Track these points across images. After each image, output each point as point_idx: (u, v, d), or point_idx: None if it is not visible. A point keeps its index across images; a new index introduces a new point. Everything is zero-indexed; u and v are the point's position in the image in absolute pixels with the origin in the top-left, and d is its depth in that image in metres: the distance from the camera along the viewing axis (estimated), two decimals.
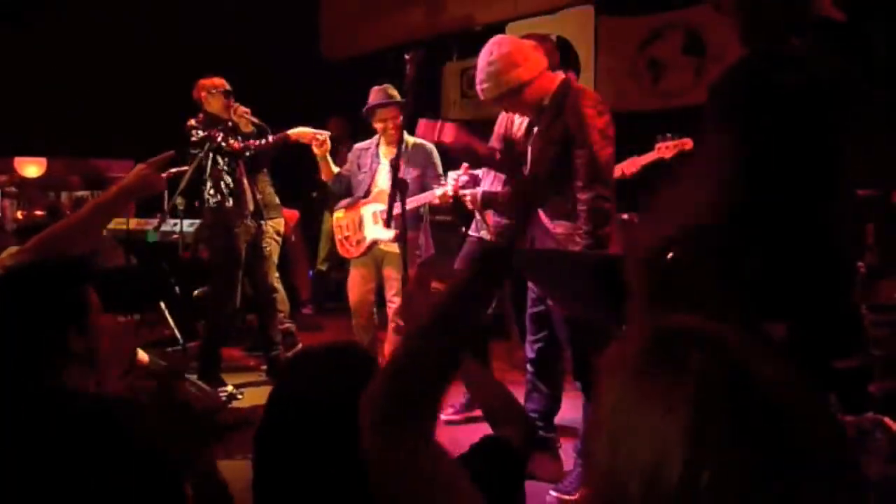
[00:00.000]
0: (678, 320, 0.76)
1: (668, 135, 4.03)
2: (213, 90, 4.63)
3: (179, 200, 4.88)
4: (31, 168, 6.05)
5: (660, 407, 0.68)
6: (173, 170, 5.17)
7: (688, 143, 3.96)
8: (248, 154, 4.56)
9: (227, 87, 4.66)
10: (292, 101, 4.68)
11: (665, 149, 3.99)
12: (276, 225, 4.92)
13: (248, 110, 4.56)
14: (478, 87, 3.17)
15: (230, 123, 4.56)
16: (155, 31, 6.59)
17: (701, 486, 0.64)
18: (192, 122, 4.60)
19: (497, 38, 3.20)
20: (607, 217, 3.00)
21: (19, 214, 5.61)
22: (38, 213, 5.64)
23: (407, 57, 3.69)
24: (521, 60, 3.07)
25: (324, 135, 4.39)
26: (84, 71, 6.34)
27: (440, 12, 7.01)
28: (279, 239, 4.95)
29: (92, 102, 6.28)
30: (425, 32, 6.88)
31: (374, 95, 4.41)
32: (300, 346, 5.23)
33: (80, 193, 5.72)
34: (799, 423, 0.67)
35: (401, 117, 4.25)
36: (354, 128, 5.14)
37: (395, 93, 4.35)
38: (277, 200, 5.01)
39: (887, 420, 3.38)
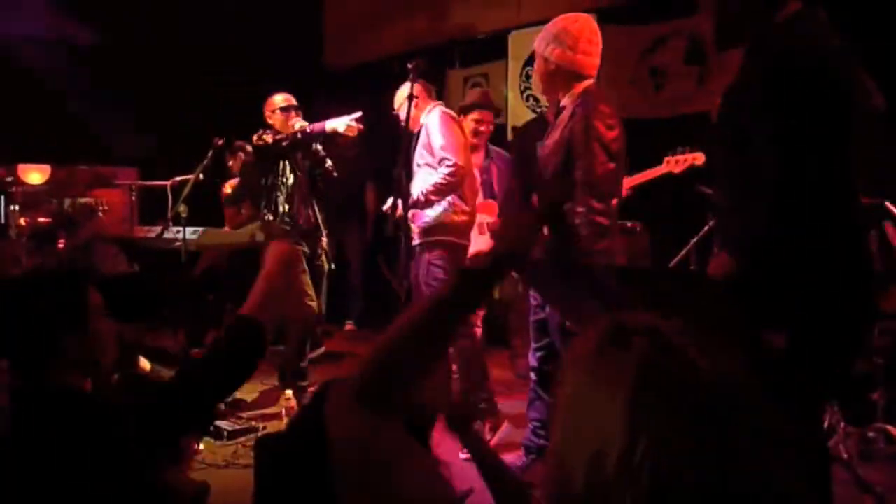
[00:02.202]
0: (631, 316, 0.82)
1: (679, 148, 3.97)
2: (273, 111, 4.66)
3: (182, 208, 4.88)
4: (35, 175, 6.05)
5: (605, 389, 0.74)
6: (178, 178, 5.22)
7: (699, 158, 3.88)
8: (285, 145, 4.51)
9: (289, 102, 4.66)
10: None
11: (674, 163, 3.95)
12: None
13: (305, 124, 4.53)
14: (544, 45, 3.12)
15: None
16: (157, 37, 6.60)
17: (636, 460, 0.69)
18: (260, 132, 4.63)
19: (592, 21, 3.18)
20: (602, 232, 2.92)
21: (23, 221, 5.61)
22: (42, 219, 5.64)
23: (410, 65, 3.72)
24: (591, 53, 3.10)
25: (356, 115, 4.38)
26: (87, 77, 6.36)
27: (443, 20, 7.03)
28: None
29: (95, 109, 6.29)
30: (428, 40, 6.89)
31: (476, 96, 4.55)
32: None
33: (84, 200, 5.72)
34: (731, 402, 0.72)
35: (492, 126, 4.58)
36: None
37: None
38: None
39: (891, 428, 3.38)
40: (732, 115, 2.03)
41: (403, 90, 3.92)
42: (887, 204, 3.29)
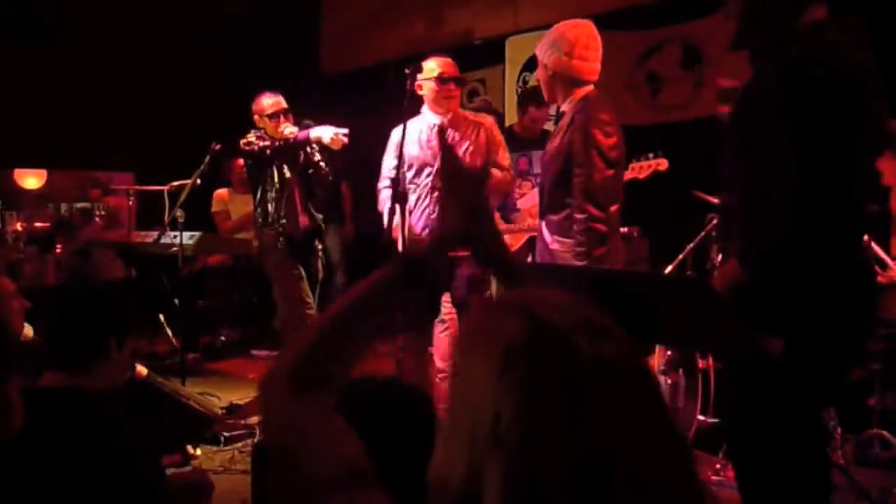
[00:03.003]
0: (518, 294, 0.83)
1: (644, 155, 4.03)
2: (261, 117, 4.59)
3: (179, 213, 4.88)
4: (31, 180, 6.06)
5: (480, 364, 0.75)
6: (175, 182, 5.21)
7: (662, 164, 3.93)
8: (268, 154, 4.46)
9: (277, 108, 4.54)
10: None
11: (639, 169, 3.98)
12: None
13: (294, 130, 4.47)
14: (542, 51, 3.15)
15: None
16: (155, 43, 6.61)
17: (503, 435, 0.70)
18: (248, 137, 4.56)
19: (591, 27, 3.20)
20: (601, 239, 2.95)
21: (19, 226, 5.61)
22: (38, 224, 5.64)
23: (407, 71, 3.72)
24: (588, 59, 3.13)
25: (343, 130, 4.33)
26: (84, 82, 6.36)
27: (440, 26, 7.04)
28: None
29: (92, 114, 6.30)
30: (425, 46, 6.89)
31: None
32: None
33: (80, 205, 5.72)
34: (608, 385, 0.72)
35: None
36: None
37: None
38: None
39: (887, 434, 3.38)
40: (745, 118, 2.03)
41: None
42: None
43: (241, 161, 5.95)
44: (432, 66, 3.81)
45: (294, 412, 1.01)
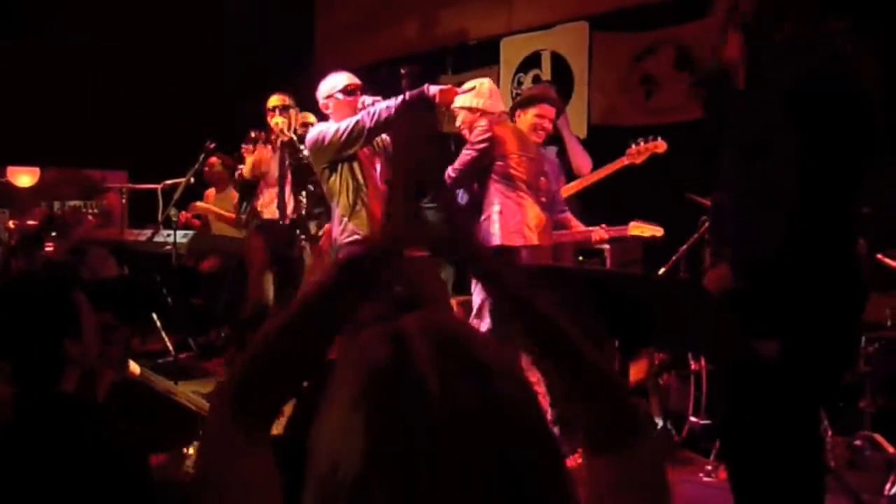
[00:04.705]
0: (405, 320, 0.73)
1: (640, 139, 4.03)
2: (272, 113, 4.62)
3: (173, 211, 4.87)
4: (24, 177, 6.02)
5: (338, 397, 0.67)
6: (168, 181, 5.20)
7: (660, 146, 3.95)
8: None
9: (278, 104, 4.61)
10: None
11: (636, 153, 3.99)
12: None
13: (281, 120, 4.53)
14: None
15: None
16: (150, 43, 6.59)
17: (338, 482, 0.62)
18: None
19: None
20: None
21: (11, 224, 5.58)
22: (31, 222, 5.61)
23: (402, 71, 3.72)
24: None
25: None
26: (78, 80, 6.34)
27: (435, 26, 7.04)
28: None
29: (86, 112, 6.28)
30: (420, 46, 6.90)
31: (541, 89, 4.27)
32: None
33: (73, 203, 5.70)
34: (453, 434, 0.62)
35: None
36: None
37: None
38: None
39: (878, 437, 3.39)
40: (750, 122, 2.01)
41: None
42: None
43: (213, 159, 5.89)
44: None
45: (228, 444, 0.90)
